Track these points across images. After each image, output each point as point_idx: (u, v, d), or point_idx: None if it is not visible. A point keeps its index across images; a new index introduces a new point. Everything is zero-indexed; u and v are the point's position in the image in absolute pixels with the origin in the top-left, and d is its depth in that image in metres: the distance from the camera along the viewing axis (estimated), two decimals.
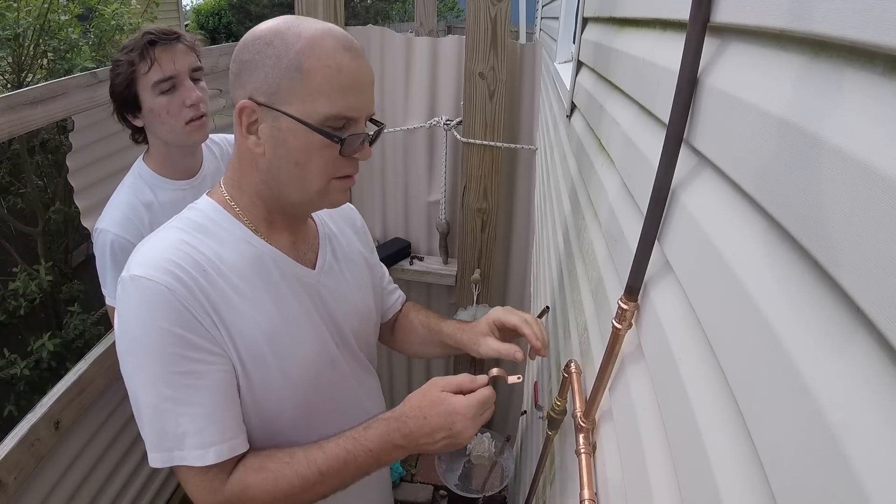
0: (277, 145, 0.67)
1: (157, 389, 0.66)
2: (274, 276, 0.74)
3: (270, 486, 0.69)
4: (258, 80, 0.65)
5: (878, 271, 0.22)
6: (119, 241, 1.19)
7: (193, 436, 0.66)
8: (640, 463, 0.47)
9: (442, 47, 1.91)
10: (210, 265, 0.68)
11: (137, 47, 1.12)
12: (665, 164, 0.45)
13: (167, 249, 0.67)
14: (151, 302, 0.64)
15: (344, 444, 0.70)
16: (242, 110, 0.67)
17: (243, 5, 8.70)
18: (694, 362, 0.40)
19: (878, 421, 0.21)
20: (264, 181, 0.71)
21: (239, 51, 0.68)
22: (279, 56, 0.64)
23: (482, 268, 2.00)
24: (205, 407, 0.67)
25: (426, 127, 2.01)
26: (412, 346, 1.04)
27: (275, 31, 0.65)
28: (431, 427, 0.68)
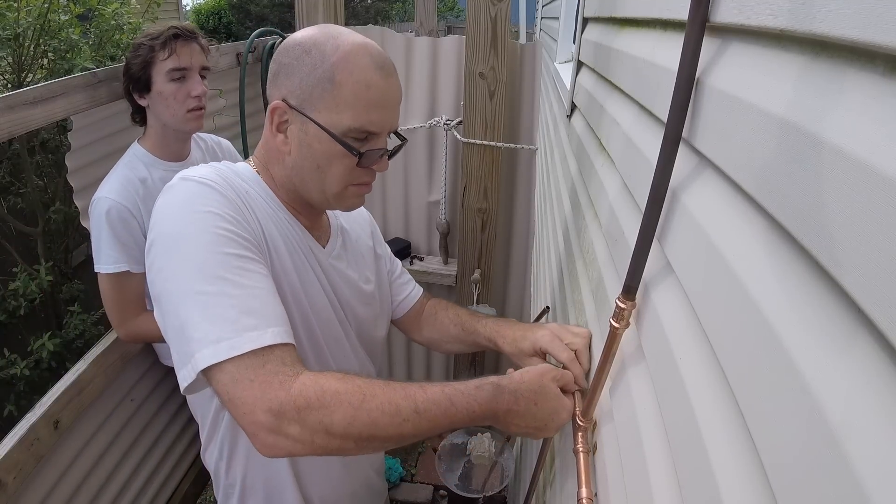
0: (303, 147, 0.73)
1: (206, 274, 0.61)
2: (295, 242, 0.78)
3: (356, 399, 0.58)
4: (293, 84, 0.70)
5: (879, 271, 0.22)
6: (117, 206, 1.26)
7: (247, 316, 0.60)
8: (640, 462, 0.47)
9: (442, 47, 1.91)
10: (244, 200, 0.73)
11: (162, 37, 1.26)
12: (663, 164, 0.45)
13: (215, 172, 0.72)
14: (203, 193, 0.68)
15: (449, 393, 0.62)
16: (275, 110, 0.72)
17: (243, 5, 8.69)
18: (694, 362, 0.40)
19: (878, 421, 0.21)
20: (288, 176, 0.77)
21: (280, 53, 0.73)
22: (315, 65, 0.69)
23: (482, 268, 2.00)
24: (255, 298, 0.62)
25: (426, 127, 2.01)
26: (443, 345, 1.06)
27: (315, 40, 0.70)
28: (533, 416, 0.65)
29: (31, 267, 2.76)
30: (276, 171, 0.78)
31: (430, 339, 1.06)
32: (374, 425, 0.58)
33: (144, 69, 1.28)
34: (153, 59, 1.27)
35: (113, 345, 1.52)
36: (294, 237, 0.78)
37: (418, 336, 1.08)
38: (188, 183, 0.69)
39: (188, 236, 0.64)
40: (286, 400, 0.56)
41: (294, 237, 0.78)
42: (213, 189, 0.69)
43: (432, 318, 1.05)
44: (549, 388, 0.67)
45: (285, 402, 0.56)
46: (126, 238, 1.28)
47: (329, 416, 0.57)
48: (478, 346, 0.96)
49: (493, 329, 0.91)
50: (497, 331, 0.90)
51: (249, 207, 0.72)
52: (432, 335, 1.05)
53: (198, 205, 0.66)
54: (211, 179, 0.70)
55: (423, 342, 1.08)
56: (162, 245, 0.65)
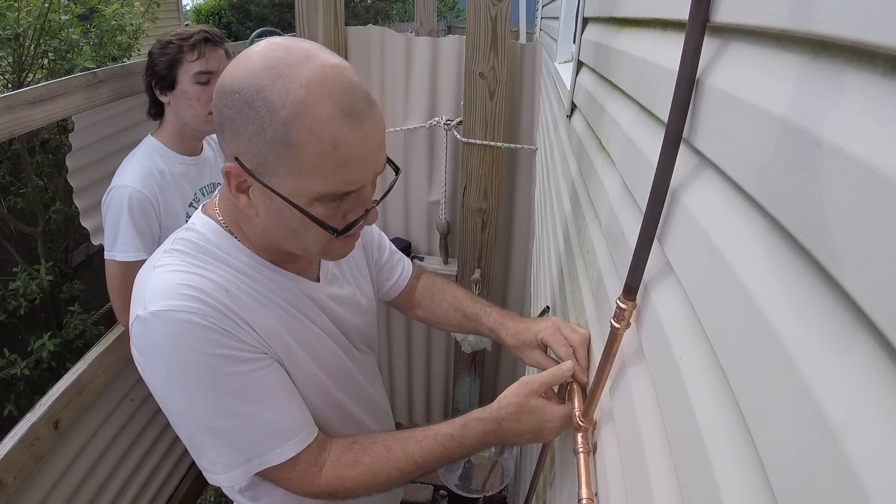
0: (270, 213, 0.62)
1: (216, 412, 0.65)
2: (286, 292, 0.73)
3: (369, 479, 0.72)
4: (242, 143, 0.57)
5: (879, 271, 0.22)
6: (138, 195, 1.29)
7: (269, 437, 0.67)
8: (640, 462, 0.47)
9: (442, 47, 1.91)
10: (230, 283, 0.66)
11: (192, 39, 1.28)
12: (663, 164, 0.45)
13: (180, 276, 0.63)
14: (184, 334, 0.61)
15: (441, 441, 0.72)
16: (228, 173, 0.60)
17: (243, 5, 8.70)
18: (694, 362, 0.40)
19: (879, 421, 0.21)
20: (263, 235, 0.68)
21: (218, 99, 0.58)
22: (262, 124, 0.54)
23: (482, 268, 2.00)
24: (271, 410, 0.67)
25: (426, 127, 2.00)
26: (440, 326, 1.04)
27: (257, 86, 0.54)
28: (523, 430, 0.71)
29: (31, 267, 2.76)
30: (249, 230, 0.69)
31: (426, 319, 1.05)
32: (386, 486, 0.73)
33: (171, 68, 1.29)
34: (181, 59, 1.28)
35: (113, 345, 1.52)
36: (285, 296, 0.73)
37: (412, 315, 1.07)
38: (163, 322, 0.60)
39: (188, 386, 0.63)
40: (317, 492, 0.71)
41: (285, 296, 0.73)
42: (193, 323, 0.61)
43: (428, 299, 1.03)
44: (528, 404, 0.70)
45: (317, 493, 0.72)
46: (144, 228, 1.31)
47: (352, 493, 0.73)
48: (478, 333, 0.96)
49: (496, 320, 0.91)
50: (500, 322, 0.90)
51: (230, 294, 0.65)
52: (427, 316, 1.04)
53: (186, 354, 0.61)
54: (183, 299, 0.61)
55: (418, 320, 1.07)
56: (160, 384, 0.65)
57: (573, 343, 0.75)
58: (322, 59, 0.55)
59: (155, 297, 0.62)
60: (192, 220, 0.71)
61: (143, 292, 0.63)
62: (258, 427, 0.66)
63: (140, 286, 0.65)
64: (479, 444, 0.72)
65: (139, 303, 0.63)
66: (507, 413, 0.71)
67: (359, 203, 0.63)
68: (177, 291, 0.62)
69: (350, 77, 0.56)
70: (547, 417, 0.70)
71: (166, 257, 0.66)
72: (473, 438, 0.72)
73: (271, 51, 0.55)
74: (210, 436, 0.66)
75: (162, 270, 0.64)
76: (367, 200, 0.64)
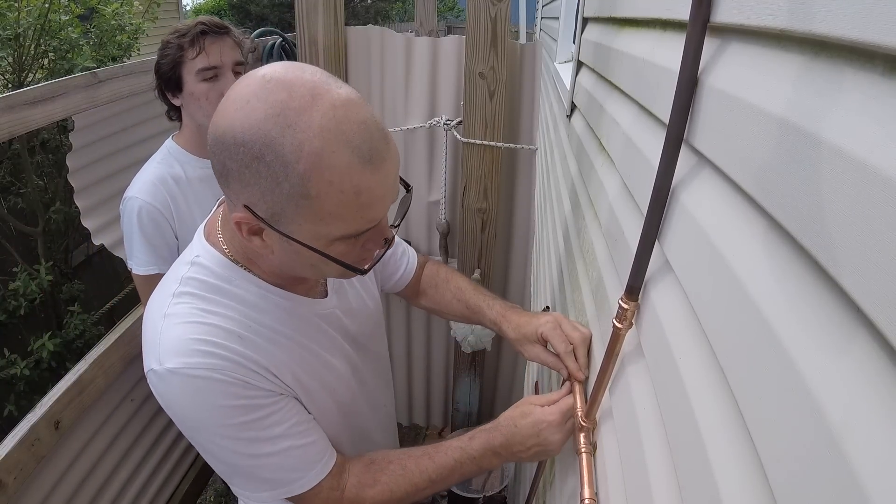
0: (288, 252, 0.60)
1: (240, 454, 0.68)
2: (297, 321, 0.73)
3: (387, 496, 0.75)
4: (253, 195, 0.54)
5: (879, 271, 0.22)
6: (147, 207, 1.25)
7: (290, 471, 0.70)
8: (641, 462, 0.47)
9: (442, 47, 1.91)
10: (242, 327, 0.66)
11: (189, 34, 1.20)
12: (665, 164, 0.45)
13: (192, 329, 0.62)
14: (202, 390, 0.62)
15: (452, 454, 0.75)
16: (240, 224, 0.57)
17: (243, 5, 8.70)
18: (694, 362, 0.40)
19: (878, 421, 0.21)
20: (277, 266, 0.67)
21: (219, 150, 0.53)
22: (277, 178, 0.51)
23: (482, 268, 2.00)
24: (291, 446, 0.69)
25: (426, 127, 2.00)
26: (444, 315, 1.06)
27: (264, 139, 0.49)
28: (522, 435, 0.72)
29: (31, 267, 2.77)
30: (262, 263, 0.68)
31: (430, 308, 1.06)
32: (403, 502, 0.76)
33: (174, 69, 1.22)
34: (182, 58, 1.21)
35: (114, 345, 1.52)
36: (297, 325, 0.73)
37: (416, 303, 1.08)
38: (181, 380, 0.61)
39: (209, 433, 0.66)
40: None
41: (297, 325, 0.73)
42: (209, 380, 0.61)
43: (432, 289, 1.04)
44: (524, 408, 0.74)
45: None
46: (156, 239, 1.28)
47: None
48: (481, 324, 0.97)
49: (499, 313, 0.91)
50: (503, 315, 0.90)
51: (244, 340, 0.65)
52: (431, 305, 1.05)
53: (204, 407, 0.63)
54: (199, 356, 0.61)
55: (421, 308, 1.08)
56: (186, 428, 0.67)
57: (573, 341, 0.75)
58: (330, 96, 0.51)
59: (169, 353, 0.61)
60: (196, 251, 0.68)
61: (156, 345, 0.62)
62: (280, 464, 0.69)
63: (152, 336, 0.63)
64: (484, 452, 0.74)
65: (153, 356, 0.62)
66: (504, 418, 0.75)
67: (377, 233, 0.61)
68: (191, 348, 0.61)
69: (364, 114, 0.53)
70: (539, 418, 0.71)
71: (176, 304, 0.64)
72: (479, 448, 0.75)
73: (272, 92, 0.50)
74: (235, 471, 0.70)
75: (174, 321, 0.63)
76: (385, 229, 0.63)
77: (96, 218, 1.82)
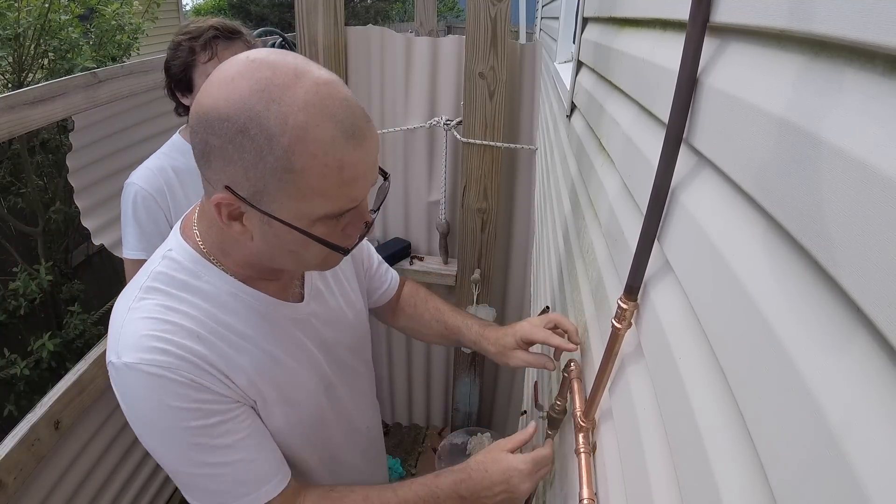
0: (268, 237, 0.59)
1: (188, 460, 0.65)
2: (265, 324, 0.70)
3: None
4: (235, 172, 0.53)
5: (879, 271, 0.22)
6: (142, 193, 1.27)
7: (241, 485, 0.67)
8: (640, 463, 0.47)
9: (442, 47, 1.91)
10: (203, 327, 0.64)
11: (202, 38, 1.19)
12: (664, 164, 0.45)
13: (152, 325, 0.61)
14: (154, 387, 0.60)
15: (417, 490, 0.74)
16: (219, 204, 0.56)
17: (243, 5, 8.70)
18: (694, 362, 0.40)
19: (878, 421, 0.21)
20: (254, 256, 0.65)
21: (202, 127, 0.53)
22: (261, 152, 0.51)
23: (482, 268, 2.00)
24: (241, 459, 0.67)
25: (426, 127, 2.00)
26: (420, 337, 1.04)
27: (249, 113, 0.50)
28: (491, 481, 0.73)
29: (31, 267, 2.76)
30: (237, 253, 0.66)
31: (408, 328, 1.04)
32: None
33: (185, 71, 1.21)
34: (194, 61, 1.20)
35: None
36: (265, 329, 0.70)
37: (394, 323, 1.06)
38: (135, 374, 0.60)
39: (159, 434, 0.64)
40: None
41: (265, 329, 0.70)
42: (163, 378, 0.60)
43: (410, 309, 1.02)
44: (495, 454, 0.75)
45: None
46: (148, 226, 1.29)
47: None
48: (460, 345, 0.97)
49: (477, 332, 0.93)
50: (481, 334, 0.92)
51: (203, 340, 0.63)
52: (410, 324, 1.03)
53: (156, 406, 0.61)
54: (155, 353, 0.60)
55: (398, 328, 1.06)
56: (136, 427, 0.65)
57: (566, 328, 0.80)
58: (313, 75, 0.53)
59: (127, 346, 0.60)
60: (170, 245, 0.67)
61: (117, 337, 0.62)
62: (228, 476, 0.66)
63: (115, 327, 0.63)
64: (450, 494, 0.74)
65: (113, 347, 0.62)
66: (475, 462, 0.76)
67: (357, 216, 0.61)
68: (148, 344, 0.60)
69: (345, 93, 0.55)
70: (510, 465, 0.73)
71: (141, 299, 0.63)
72: (446, 488, 0.74)
73: (256, 70, 0.51)
74: (182, 476, 0.67)
75: (136, 315, 0.62)
76: (365, 213, 0.63)
77: (96, 218, 1.82)
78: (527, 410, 1.82)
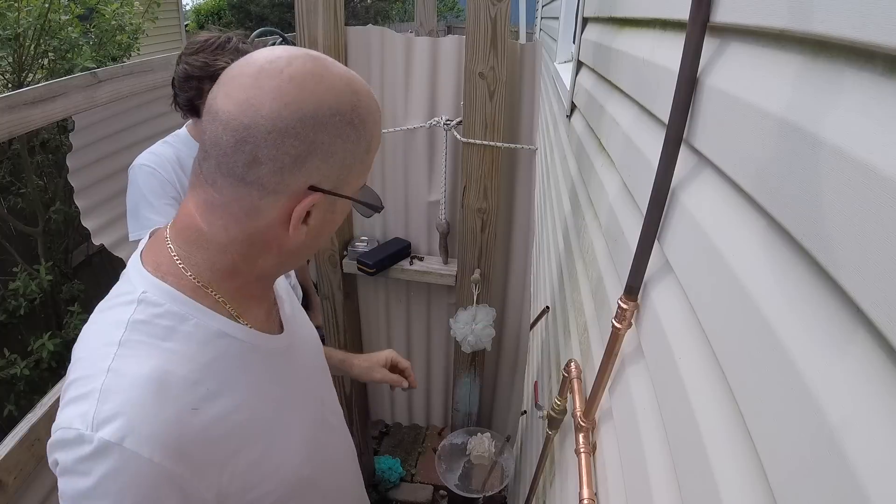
0: (325, 224, 0.58)
1: None
2: (257, 367, 0.63)
3: None
4: (334, 165, 0.53)
5: (878, 271, 0.22)
6: (145, 168, 1.27)
7: None
8: (640, 462, 0.47)
9: (442, 47, 1.91)
10: (196, 394, 0.55)
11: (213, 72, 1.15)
12: (665, 164, 0.45)
13: (139, 396, 0.50)
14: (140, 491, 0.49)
15: None
16: (303, 211, 0.53)
17: (243, 5, 8.70)
18: (694, 362, 0.40)
19: (878, 420, 0.21)
20: (278, 261, 0.60)
21: (306, 129, 0.51)
22: (359, 137, 0.54)
23: (482, 268, 2.00)
24: None
25: (426, 127, 2.00)
26: None
27: (351, 101, 0.53)
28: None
29: (31, 267, 2.77)
30: (257, 263, 0.59)
31: None
32: None
33: (190, 102, 1.19)
34: (202, 91, 1.16)
35: None
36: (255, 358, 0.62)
37: None
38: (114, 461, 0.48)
39: None
40: None
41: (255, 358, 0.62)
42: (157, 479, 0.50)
43: None
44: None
45: None
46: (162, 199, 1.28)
47: None
48: (337, 370, 1.01)
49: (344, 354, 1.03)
50: (347, 356, 1.03)
51: (199, 414, 0.54)
52: None
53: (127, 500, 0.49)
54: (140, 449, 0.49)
55: None
56: None
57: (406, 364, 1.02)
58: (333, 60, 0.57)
59: (105, 419, 0.48)
60: (140, 287, 0.56)
61: (92, 399, 0.49)
62: None
63: (88, 384, 0.50)
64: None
65: (83, 411, 0.48)
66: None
67: None
68: (145, 427, 0.50)
69: None
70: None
71: (122, 357, 0.51)
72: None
73: (329, 68, 0.55)
74: None
75: (116, 378, 0.50)
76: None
77: (96, 218, 1.82)
78: (527, 410, 1.82)
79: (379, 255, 1.65)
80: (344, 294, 1.81)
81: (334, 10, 1.89)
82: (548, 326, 1.24)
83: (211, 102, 0.52)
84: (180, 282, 0.57)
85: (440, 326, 2.38)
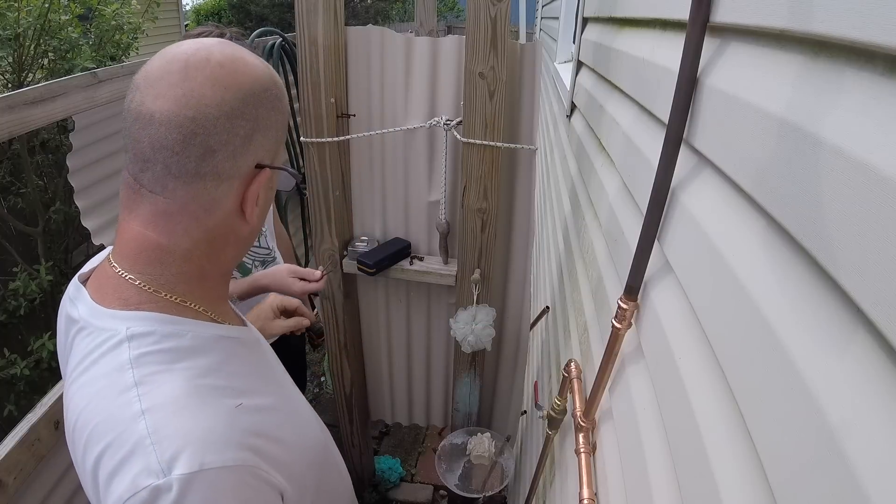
0: (265, 205, 0.59)
1: None
2: (253, 358, 0.64)
3: None
4: (271, 139, 0.54)
5: (878, 271, 0.22)
6: None
7: None
8: (640, 462, 0.47)
9: (442, 47, 1.91)
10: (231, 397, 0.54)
11: None
12: (665, 164, 0.45)
13: (197, 410, 0.49)
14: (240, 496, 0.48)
15: None
16: (250, 198, 0.54)
17: (243, 5, 8.69)
18: (694, 362, 0.40)
19: (878, 420, 0.21)
20: (235, 251, 0.59)
21: (247, 105, 0.51)
22: (284, 107, 0.56)
23: (482, 268, 2.00)
24: None
25: (426, 127, 2.00)
26: None
27: (270, 73, 0.55)
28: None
29: (31, 267, 2.77)
30: (220, 258, 0.58)
31: None
32: None
33: None
34: None
35: None
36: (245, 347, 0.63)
37: None
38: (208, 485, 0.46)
39: None
40: None
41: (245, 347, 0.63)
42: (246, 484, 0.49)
43: None
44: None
45: None
46: None
47: None
48: None
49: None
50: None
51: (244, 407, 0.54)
52: None
53: None
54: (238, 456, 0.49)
55: None
56: None
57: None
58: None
59: (171, 457, 0.45)
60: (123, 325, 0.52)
61: (145, 448, 0.45)
62: None
63: (128, 439, 0.45)
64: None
65: (144, 465, 0.44)
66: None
67: None
68: (212, 440, 0.48)
69: None
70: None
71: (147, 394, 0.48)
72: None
73: (240, 50, 0.56)
74: None
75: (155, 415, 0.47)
76: None
77: (96, 218, 1.82)
78: (527, 410, 1.82)
79: (379, 255, 1.65)
80: (344, 294, 1.81)
81: (334, 10, 1.89)
82: (548, 326, 1.24)
83: (138, 109, 0.49)
84: (158, 304, 0.55)
85: (440, 326, 2.38)
